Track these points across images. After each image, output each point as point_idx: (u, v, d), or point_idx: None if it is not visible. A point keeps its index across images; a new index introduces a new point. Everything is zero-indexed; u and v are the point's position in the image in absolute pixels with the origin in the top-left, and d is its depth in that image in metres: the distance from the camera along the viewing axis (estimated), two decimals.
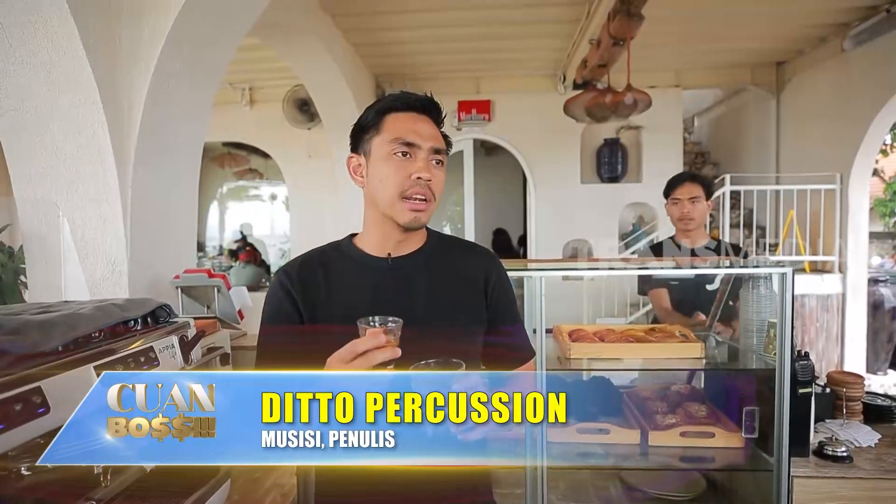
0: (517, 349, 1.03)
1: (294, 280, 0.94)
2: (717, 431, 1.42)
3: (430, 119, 0.93)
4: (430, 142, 0.91)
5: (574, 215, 5.68)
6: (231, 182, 8.88)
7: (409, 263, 0.96)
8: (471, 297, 0.98)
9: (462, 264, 1.00)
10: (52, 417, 0.69)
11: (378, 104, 0.95)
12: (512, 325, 1.02)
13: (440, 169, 0.93)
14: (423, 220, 0.92)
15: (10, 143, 1.75)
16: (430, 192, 0.90)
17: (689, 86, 5.70)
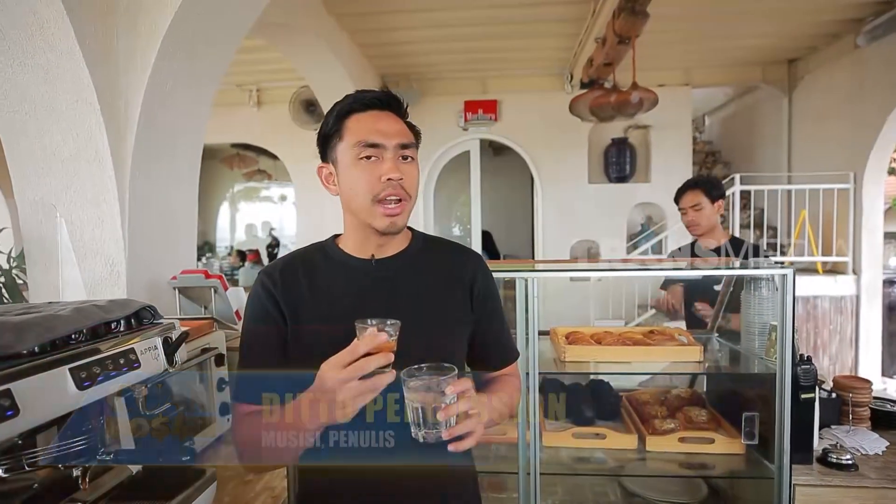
0: (502, 351, 1.02)
1: (276, 282, 0.92)
2: (717, 437, 1.38)
3: (392, 114, 0.90)
4: (394, 139, 0.87)
5: (581, 216, 5.64)
6: (241, 183, 8.96)
7: (394, 265, 0.95)
8: (456, 298, 0.96)
9: (447, 265, 0.98)
10: (21, 420, 0.68)
11: (336, 107, 0.91)
12: (498, 326, 1.00)
13: (411, 164, 0.90)
14: (399, 223, 0.90)
15: (9, 145, 1.76)
16: (402, 190, 0.88)
17: (698, 84, 5.63)
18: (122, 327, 0.95)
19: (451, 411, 0.76)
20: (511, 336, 1.05)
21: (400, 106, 0.92)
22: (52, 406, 0.73)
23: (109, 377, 0.83)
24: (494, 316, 0.99)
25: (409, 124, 0.93)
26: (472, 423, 0.77)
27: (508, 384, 0.99)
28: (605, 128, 5.61)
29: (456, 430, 0.76)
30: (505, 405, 0.95)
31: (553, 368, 1.41)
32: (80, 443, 0.84)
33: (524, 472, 1.27)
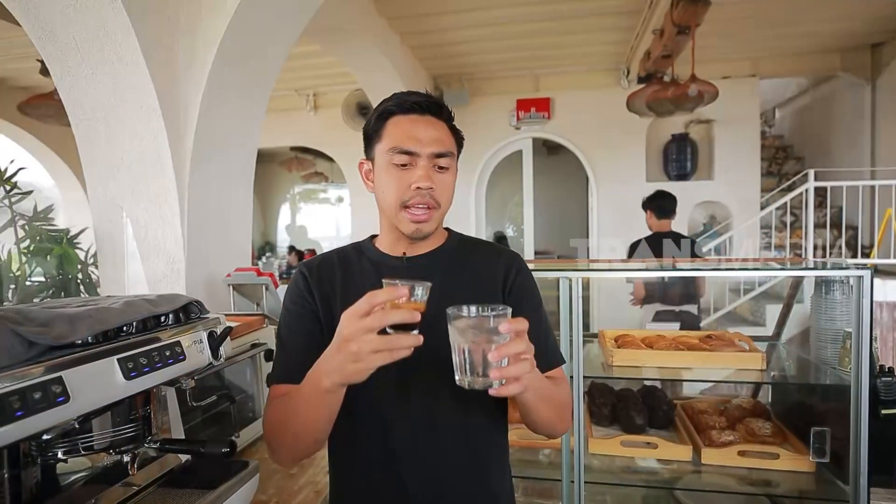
0: (542, 354, 0.92)
1: (313, 274, 0.94)
2: (783, 452, 1.27)
3: (433, 118, 0.88)
4: (429, 147, 0.85)
5: (638, 215, 5.40)
6: (300, 185, 9.29)
7: (426, 263, 0.93)
8: (488, 297, 0.90)
9: (480, 264, 0.95)
10: (72, 406, 0.71)
11: (379, 107, 0.90)
12: (536, 328, 0.94)
13: (445, 173, 0.88)
14: (425, 229, 0.88)
15: (84, 150, 1.90)
16: (432, 199, 0.86)
17: (767, 75, 5.28)
18: (171, 321, 0.99)
19: (505, 351, 0.67)
20: (556, 342, 0.97)
21: (442, 111, 0.90)
22: (101, 394, 0.77)
23: (155, 368, 0.86)
24: (532, 318, 0.94)
25: (453, 128, 0.91)
26: (525, 366, 0.69)
27: (556, 384, 0.91)
28: (663, 124, 5.38)
29: (508, 370, 0.67)
30: (556, 392, 0.87)
31: (600, 372, 1.35)
32: (129, 430, 0.87)
33: (568, 479, 1.22)
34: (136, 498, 0.98)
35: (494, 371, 0.67)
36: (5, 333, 0.72)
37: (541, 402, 0.83)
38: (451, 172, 0.89)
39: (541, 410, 0.84)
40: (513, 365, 0.68)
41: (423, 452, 0.87)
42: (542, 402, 0.83)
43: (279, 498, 1.29)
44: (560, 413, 0.91)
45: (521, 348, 0.68)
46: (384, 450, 0.88)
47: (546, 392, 0.84)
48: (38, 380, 0.68)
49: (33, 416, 0.66)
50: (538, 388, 0.80)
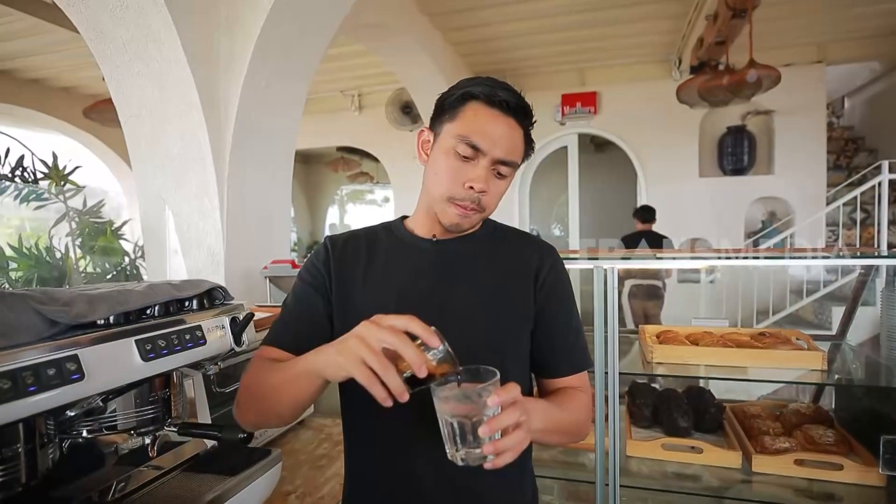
0: (567, 355, 0.88)
1: (336, 249, 0.90)
2: (847, 463, 1.14)
3: (515, 122, 0.81)
4: (499, 151, 0.80)
5: (691, 212, 5.18)
6: (347, 186, 9.47)
7: (455, 247, 0.89)
8: (518, 289, 0.87)
9: (513, 253, 0.90)
10: (86, 384, 0.71)
11: (466, 85, 0.83)
12: (564, 326, 0.88)
13: (501, 181, 0.84)
14: (464, 226, 0.85)
15: (132, 146, 1.97)
16: (479, 204, 0.82)
17: (834, 61, 4.91)
18: (195, 306, 0.99)
19: (496, 425, 0.62)
20: (584, 343, 0.90)
21: (526, 117, 0.84)
22: (117, 374, 0.77)
23: (174, 351, 0.86)
24: (561, 314, 0.88)
25: (528, 138, 0.86)
26: (519, 436, 0.64)
27: (572, 398, 0.85)
28: (718, 116, 5.11)
29: (501, 444, 0.63)
30: (565, 418, 0.82)
31: (639, 370, 1.26)
32: (149, 412, 0.88)
33: (602, 482, 1.14)
34: (159, 481, 0.99)
35: (488, 446, 0.63)
36: (28, 312, 0.74)
37: (546, 437, 0.81)
38: (506, 181, 0.85)
39: (545, 440, 0.82)
40: (507, 437, 0.64)
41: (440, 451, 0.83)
42: (547, 436, 0.81)
43: (305, 489, 1.28)
44: (569, 436, 0.87)
45: (514, 419, 0.64)
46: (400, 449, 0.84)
47: (552, 426, 0.79)
48: (53, 356, 0.69)
49: (47, 392, 0.67)
50: (542, 430, 0.76)
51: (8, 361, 0.64)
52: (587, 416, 0.87)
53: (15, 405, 0.63)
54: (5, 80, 5.13)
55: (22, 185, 2.15)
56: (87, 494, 0.88)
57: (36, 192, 2.17)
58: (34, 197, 2.19)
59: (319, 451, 1.50)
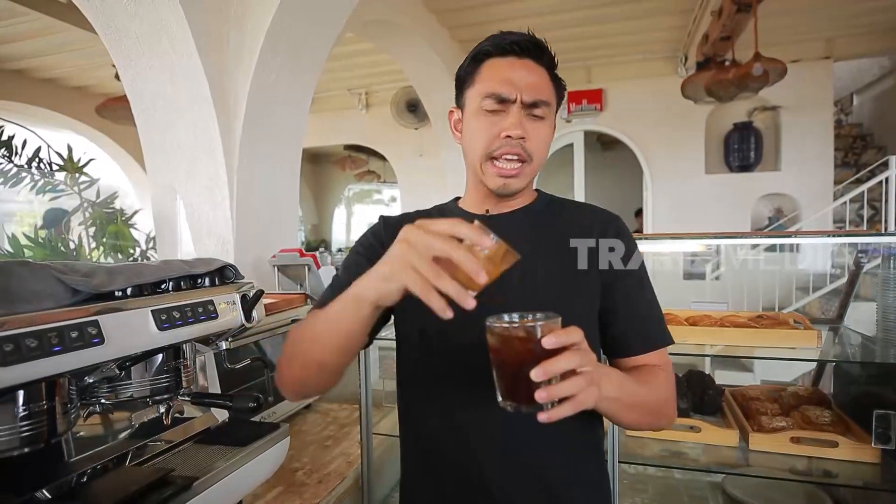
0: (640, 331, 0.81)
1: (389, 228, 0.89)
2: (842, 440, 1.16)
3: (532, 62, 0.79)
4: (525, 93, 0.77)
5: (697, 210, 5.18)
6: (354, 185, 9.53)
7: (509, 221, 0.84)
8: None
9: (571, 225, 0.84)
10: (106, 349, 0.75)
11: (474, 50, 0.83)
12: (635, 302, 0.82)
13: (540, 123, 0.79)
14: (514, 185, 0.80)
15: (145, 138, 2.02)
16: (523, 151, 0.78)
17: (842, 56, 4.89)
18: (207, 283, 1.03)
19: (551, 367, 0.55)
20: (660, 317, 0.83)
21: (543, 54, 0.80)
22: (134, 340, 0.81)
23: (188, 322, 0.90)
24: (632, 289, 0.82)
25: (554, 77, 0.83)
26: (579, 382, 0.56)
27: (652, 375, 0.78)
28: (725, 113, 5.11)
29: (555, 389, 0.55)
30: (645, 394, 0.74)
31: None
32: (164, 380, 0.92)
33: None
34: (171, 451, 1.03)
35: (541, 391, 0.55)
36: (51, 280, 0.78)
37: (623, 411, 0.72)
38: (546, 124, 0.80)
39: (622, 417, 0.73)
40: (564, 382, 0.56)
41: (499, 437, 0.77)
42: (623, 411, 0.72)
43: (312, 466, 1.32)
44: (651, 416, 0.77)
45: (573, 363, 0.56)
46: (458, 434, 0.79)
47: (629, 399, 0.71)
48: (76, 321, 0.73)
49: (69, 352, 0.71)
50: (615, 398, 0.67)
51: (35, 323, 0.68)
52: (670, 397, 0.78)
53: (40, 363, 0.67)
54: (20, 79, 5.23)
55: (38, 177, 2.20)
56: (102, 463, 0.92)
57: (52, 183, 2.23)
58: (50, 188, 2.25)
59: (326, 432, 1.54)
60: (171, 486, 0.83)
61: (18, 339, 0.65)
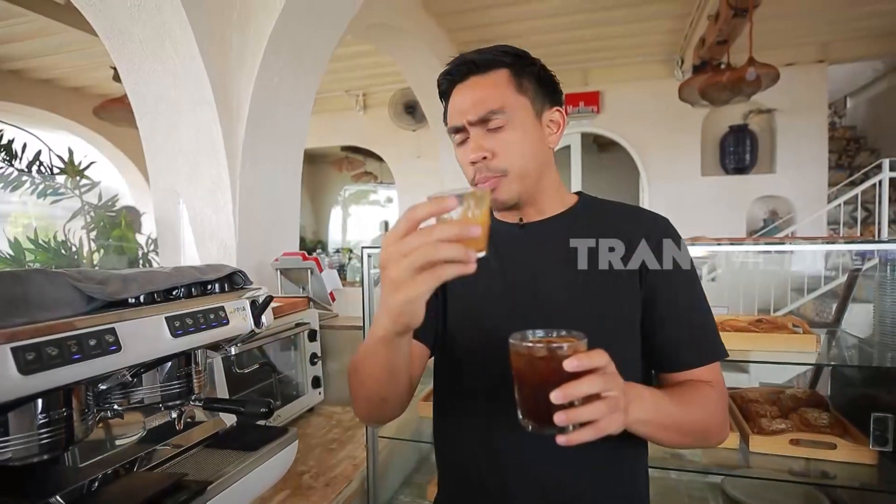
0: (687, 345, 0.75)
1: None
2: (841, 442, 1.18)
3: (476, 77, 0.78)
4: (470, 114, 0.76)
5: (693, 211, 5.22)
6: (350, 186, 9.53)
7: (544, 229, 0.82)
8: (619, 271, 0.77)
9: (612, 230, 0.79)
10: (122, 356, 0.76)
11: (438, 88, 0.84)
12: (683, 311, 0.76)
13: (503, 132, 0.76)
14: (501, 197, 0.78)
15: (147, 141, 2.03)
16: (492, 171, 0.77)
17: (837, 60, 4.94)
18: (217, 289, 1.04)
19: (570, 390, 0.54)
20: (712, 329, 0.77)
21: (478, 67, 0.78)
22: (149, 347, 0.82)
23: (200, 329, 0.91)
24: (678, 296, 0.76)
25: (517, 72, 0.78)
26: (600, 408, 0.55)
27: (697, 392, 0.73)
28: (721, 115, 5.15)
29: (574, 413, 0.54)
30: (684, 414, 0.70)
31: None
32: (175, 386, 0.93)
33: None
34: (182, 456, 1.04)
35: (560, 414, 0.54)
36: (67, 288, 0.79)
37: (660, 433, 0.69)
38: (510, 129, 0.76)
39: (660, 438, 0.70)
40: (585, 407, 0.55)
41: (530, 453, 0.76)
42: (661, 432, 0.69)
43: (318, 469, 1.33)
44: (694, 437, 0.74)
45: (595, 388, 0.55)
46: (488, 451, 0.79)
47: (667, 421, 0.68)
48: (94, 328, 0.74)
49: (88, 360, 0.72)
50: (650, 421, 0.65)
51: (54, 331, 0.69)
52: (718, 416, 0.74)
53: (61, 371, 0.68)
54: (16, 80, 5.21)
55: (39, 180, 2.20)
56: (114, 468, 0.93)
57: (53, 186, 2.23)
58: (51, 192, 2.25)
59: (331, 435, 1.56)
60: (184, 491, 0.84)
61: (40, 347, 0.67)
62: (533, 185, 0.80)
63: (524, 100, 0.78)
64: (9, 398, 0.63)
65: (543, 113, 0.81)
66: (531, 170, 0.79)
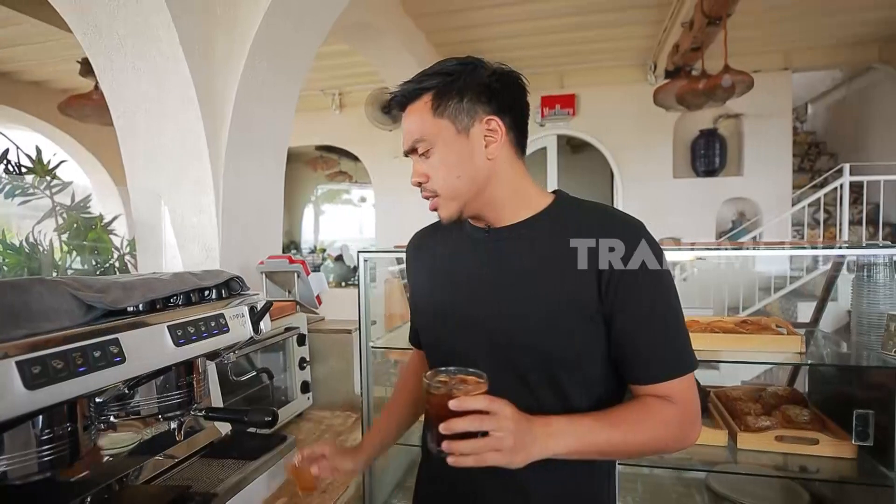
0: (645, 360, 0.75)
1: (414, 246, 1.00)
2: (822, 438, 1.24)
3: (411, 105, 0.82)
4: (405, 146, 0.83)
5: (666, 213, 5.35)
6: (324, 185, 9.41)
7: (506, 235, 0.83)
8: (575, 282, 0.76)
9: (576, 235, 0.77)
10: (127, 367, 0.74)
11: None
12: (643, 325, 0.75)
13: (431, 158, 0.80)
14: (444, 215, 0.83)
15: (125, 141, 1.96)
16: (429, 191, 0.82)
17: (800, 68, 5.15)
18: (214, 295, 1.02)
19: (448, 426, 0.65)
20: (678, 344, 0.76)
21: (406, 99, 0.82)
22: (152, 358, 0.80)
23: (202, 337, 0.89)
24: (637, 309, 0.74)
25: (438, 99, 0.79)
26: (476, 445, 0.65)
27: (647, 411, 0.73)
28: (691, 119, 5.29)
29: (454, 445, 0.66)
30: (619, 438, 0.72)
31: None
32: (176, 397, 0.91)
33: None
34: (180, 467, 1.02)
35: (445, 443, 0.66)
36: (66, 297, 0.76)
37: (595, 456, 0.74)
38: (435, 153, 0.80)
39: (604, 458, 0.77)
40: (464, 441, 0.66)
41: None
42: (596, 455, 0.74)
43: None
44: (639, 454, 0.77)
45: (473, 427, 0.65)
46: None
47: (600, 447, 0.72)
48: (98, 340, 0.72)
49: (94, 373, 0.70)
50: (574, 451, 0.71)
51: (57, 343, 0.67)
52: (672, 432, 0.74)
53: (66, 385, 0.66)
54: None
55: (7, 180, 2.11)
56: (115, 479, 0.90)
57: (21, 186, 2.14)
58: (20, 192, 2.15)
59: (322, 440, 1.54)
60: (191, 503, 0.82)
61: (46, 360, 0.64)
62: (474, 199, 0.81)
63: (444, 122, 0.79)
64: (14, 414, 0.61)
65: (472, 128, 0.79)
66: (461, 187, 0.80)
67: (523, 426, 0.68)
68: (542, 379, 0.77)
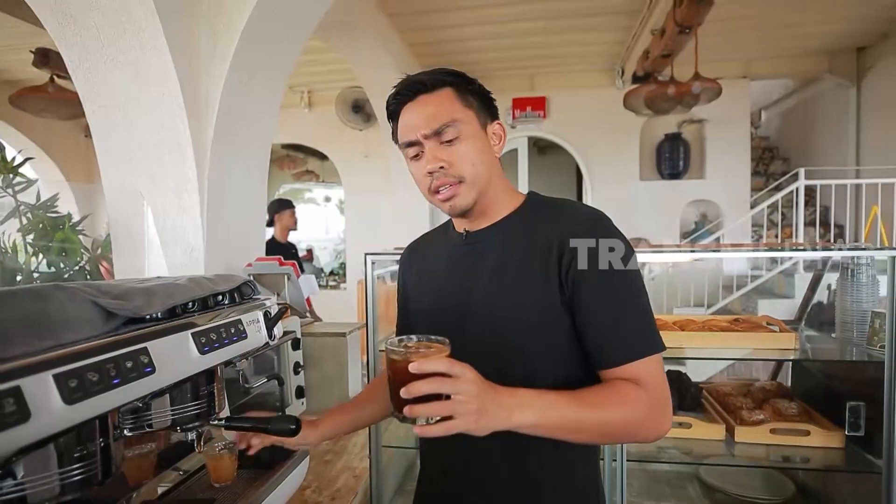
0: (606, 345, 0.76)
1: (409, 254, 1.02)
2: (813, 429, 1.31)
3: (424, 96, 0.83)
4: (425, 128, 0.81)
5: (632, 214, 5.51)
6: (288, 184, 9.21)
7: (481, 238, 0.87)
8: (538, 273, 0.79)
9: (538, 232, 0.81)
10: (157, 377, 0.71)
11: (387, 112, 0.89)
12: (604, 311, 0.76)
13: (457, 143, 0.81)
14: (460, 204, 0.83)
15: (99, 137, 1.86)
16: (449, 177, 0.81)
17: (758, 76, 5.42)
18: (227, 301, 0.99)
19: (413, 390, 0.64)
20: (638, 327, 0.76)
21: (426, 86, 0.83)
22: (180, 367, 0.76)
23: (224, 345, 0.86)
24: (596, 295, 0.76)
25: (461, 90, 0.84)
26: (437, 408, 0.64)
27: (615, 393, 0.73)
28: (657, 123, 5.48)
29: (415, 409, 0.64)
30: (588, 417, 0.72)
31: None
32: (196, 407, 0.87)
33: (609, 459, 1.24)
34: (196, 475, 0.98)
35: (406, 407, 0.64)
36: (86, 305, 0.72)
37: (559, 434, 0.72)
38: (463, 140, 0.82)
39: (569, 439, 0.73)
40: (425, 405, 0.64)
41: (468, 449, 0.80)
42: (561, 434, 0.72)
43: (319, 483, 1.29)
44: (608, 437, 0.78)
45: (434, 389, 0.64)
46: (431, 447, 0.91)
47: (564, 423, 0.71)
48: (128, 349, 0.68)
49: (127, 384, 0.66)
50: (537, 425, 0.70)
51: (88, 354, 0.63)
52: (640, 415, 0.73)
53: (103, 398, 0.62)
54: None
55: None
56: (132, 493, 0.86)
57: None
58: None
59: (324, 446, 1.51)
60: None
61: (81, 373, 0.60)
62: (485, 191, 0.85)
63: (471, 113, 0.84)
64: (53, 432, 0.57)
65: (487, 126, 0.86)
66: (482, 176, 0.84)
67: (487, 392, 0.67)
68: (519, 374, 0.76)
